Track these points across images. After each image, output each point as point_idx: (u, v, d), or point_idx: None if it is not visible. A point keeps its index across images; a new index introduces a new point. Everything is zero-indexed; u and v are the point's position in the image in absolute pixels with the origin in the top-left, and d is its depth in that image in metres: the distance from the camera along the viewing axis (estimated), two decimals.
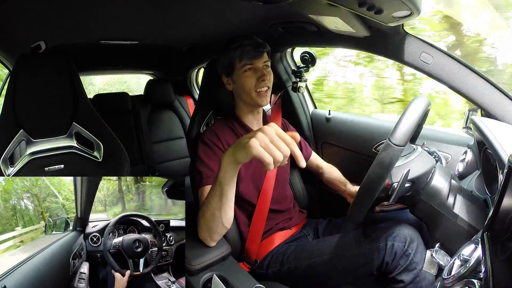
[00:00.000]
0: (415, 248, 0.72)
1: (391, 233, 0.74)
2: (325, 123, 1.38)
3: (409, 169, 0.67)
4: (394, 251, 0.72)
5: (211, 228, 0.71)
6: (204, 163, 0.84)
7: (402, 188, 0.67)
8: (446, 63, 0.86)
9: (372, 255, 0.74)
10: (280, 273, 0.86)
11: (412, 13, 0.71)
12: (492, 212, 0.51)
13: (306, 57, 1.23)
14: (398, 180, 0.67)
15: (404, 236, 0.73)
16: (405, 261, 0.72)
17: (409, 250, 0.72)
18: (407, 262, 0.71)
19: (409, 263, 0.71)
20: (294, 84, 1.28)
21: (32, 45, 1.09)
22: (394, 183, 0.67)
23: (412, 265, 0.71)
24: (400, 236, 0.73)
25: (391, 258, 0.73)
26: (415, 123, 0.62)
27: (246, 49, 0.87)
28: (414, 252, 0.72)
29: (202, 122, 1.06)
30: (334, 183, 1.10)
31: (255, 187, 0.94)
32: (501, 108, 0.81)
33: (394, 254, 0.72)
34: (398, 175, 0.67)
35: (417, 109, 0.63)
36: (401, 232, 0.74)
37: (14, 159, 0.86)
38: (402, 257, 0.72)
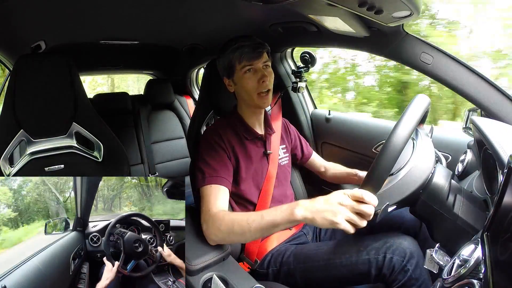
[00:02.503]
0: (415, 264, 0.70)
1: (391, 246, 0.73)
2: (325, 123, 1.38)
3: (387, 204, 0.63)
4: (393, 264, 0.71)
5: (230, 240, 0.74)
6: (207, 162, 0.84)
7: (385, 213, 0.64)
8: (446, 63, 0.86)
9: (370, 266, 0.73)
10: (279, 273, 0.86)
11: (412, 13, 0.71)
12: (492, 212, 0.51)
13: (306, 57, 1.23)
14: (380, 207, 0.62)
15: (404, 250, 0.71)
16: (403, 276, 0.70)
17: (408, 266, 0.70)
18: (405, 278, 0.70)
19: (408, 279, 0.70)
20: (294, 84, 1.28)
21: (32, 45, 1.09)
22: (377, 210, 0.62)
23: (411, 281, 0.70)
24: (400, 250, 0.72)
25: (389, 272, 0.71)
26: (390, 168, 0.58)
27: (244, 50, 0.86)
28: (413, 268, 0.70)
29: (202, 122, 1.06)
30: (342, 176, 1.10)
31: (255, 187, 0.94)
32: (501, 108, 0.81)
33: (392, 268, 0.71)
34: (380, 202, 0.62)
35: (393, 149, 0.57)
36: (401, 246, 0.72)
37: (14, 159, 0.86)
38: (401, 272, 0.70)
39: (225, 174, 0.83)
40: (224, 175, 0.83)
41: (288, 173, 1.06)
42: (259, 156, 0.95)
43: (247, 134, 0.94)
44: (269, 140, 0.99)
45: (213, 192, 0.79)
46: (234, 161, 0.89)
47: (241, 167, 0.90)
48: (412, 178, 0.67)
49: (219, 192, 0.80)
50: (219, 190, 0.80)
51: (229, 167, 0.86)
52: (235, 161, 0.89)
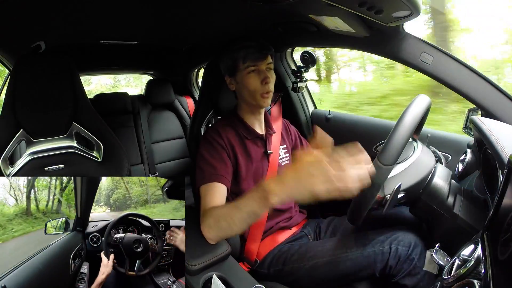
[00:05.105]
0: (419, 253, 0.72)
1: (396, 237, 0.75)
2: (325, 123, 1.38)
3: (400, 184, 0.66)
4: (398, 255, 0.72)
5: (223, 235, 0.72)
6: (207, 162, 0.84)
7: (395, 200, 0.67)
8: (446, 63, 0.86)
9: (376, 258, 0.74)
10: (282, 272, 0.86)
11: (412, 13, 0.71)
12: (492, 212, 0.51)
13: (306, 57, 1.23)
14: (390, 192, 0.66)
15: (409, 241, 0.73)
16: (409, 265, 0.72)
17: (413, 255, 0.72)
18: (411, 266, 0.72)
19: (413, 267, 0.72)
20: (294, 84, 1.28)
21: (32, 45, 1.09)
22: (387, 195, 0.66)
23: (416, 269, 0.72)
24: (405, 241, 0.73)
25: (394, 262, 0.73)
26: (405, 140, 0.61)
27: (250, 50, 0.87)
28: (418, 257, 0.72)
29: (203, 122, 1.06)
30: None
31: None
32: (501, 108, 0.81)
33: (398, 258, 0.72)
34: (391, 187, 0.66)
35: (408, 124, 0.61)
36: (406, 237, 0.74)
37: (14, 159, 0.86)
38: (406, 261, 0.72)
39: (223, 172, 0.83)
40: (223, 173, 0.83)
41: None
42: (260, 155, 0.95)
43: (247, 133, 0.94)
44: (270, 140, 0.99)
45: (210, 190, 0.80)
46: (234, 160, 0.89)
47: (241, 166, 0.90)
48: (422, 165, 0.71)
49: (216, 190, 0.80)
50: (216, 188, 0.80)
51: (228, 165, 0.86)
52: (235, 160, 0.89)
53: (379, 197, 0.67)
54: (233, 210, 0.68)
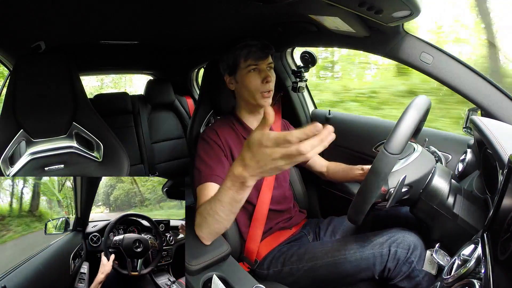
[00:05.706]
0: (418, 256, 0.72)
1: (395, 240, 0.74)
2: (325, 123, 1.37)
3: (405, 176, 0.66)
4: (397, 257, 0.72)
5: (214, 231, 0.70)
6: (204, 161, 0.84)
7: (399, 194, 0.67)
8: (446, 63, 0.86)
9: (375, 260, 0.74)
10: (281, 273, 0.86)
11: (412, 13, 0.71)
12: (492, 212, 0.51)
13: (306, 57, 1.23)
14: (395, 186, 0.66)
15: (408, 243, 0.73)
16: (407, 268, 0.72)
17: (412, 258, 0.72)
18: (409, 269, 0.72)
19: (411, 270, 0.71)
20: (294, 84, 1.28)
21: (32, 45, 1.09)
22: (391, 188, 0.67)
23: (414, 272, 0.71)
24: (404, 243, 0.73)
25: (393, 264, 0.73)
26: (411, 129, 0.61)
27: (252, 49, 0.87)
28: (417, 260, 0.72)
29: (202, 122, 1.06)
30: (346, 171, 1.06)
31: (255, 187, 0.92)
32: (501, 108, 0.81)
33: (397, 261, 0.72)
34: (395, 180, 0.66)
35: (413, 115, 0.62)
36: (405, 239, 0.74)
37: (14, 159, 0.86)
38: (405, 264, 0.72)
39: (220, 171, 0.83)
40: (219, 172, 0.83)
41: (287, 174, 1.06)
42: None
43: (246, 133, 0.94)
44: None
45: (205, 190, 0.79)
46: (231, 160, 0.89)
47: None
48: (425, 159, 0.72)
49: (210, 190, 0.79)
50: (211, 188, 0.79)
51: (225, 164, 0.86)
52: (233, 160, 0.89)
53: (383, 189, 0.67)
54: (215, 204, 0.64)
